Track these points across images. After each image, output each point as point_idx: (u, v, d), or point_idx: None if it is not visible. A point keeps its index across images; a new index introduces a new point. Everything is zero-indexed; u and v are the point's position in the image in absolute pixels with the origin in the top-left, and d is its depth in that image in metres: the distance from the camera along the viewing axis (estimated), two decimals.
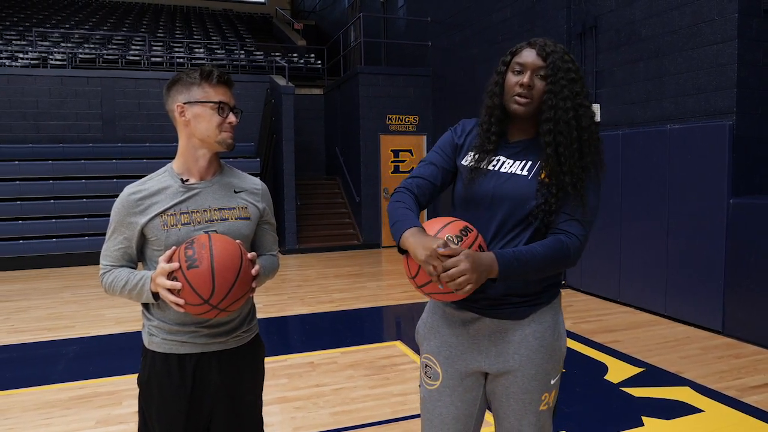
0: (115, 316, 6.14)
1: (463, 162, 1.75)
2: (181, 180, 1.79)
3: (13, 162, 9.87)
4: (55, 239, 9.53)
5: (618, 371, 4.27)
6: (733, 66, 5.05)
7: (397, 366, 4.46)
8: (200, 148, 1.80)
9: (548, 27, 7.32)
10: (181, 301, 1.57)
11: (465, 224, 1.59)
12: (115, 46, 15.97)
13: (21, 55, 13.34)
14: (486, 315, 1.68)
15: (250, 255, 1.67)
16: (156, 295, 1.66)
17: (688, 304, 5.43)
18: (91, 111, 11.12)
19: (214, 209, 1.79)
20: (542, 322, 1.69)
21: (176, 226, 1.73)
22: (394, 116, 11.05)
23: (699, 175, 5.29)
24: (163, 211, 1.74)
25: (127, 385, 4.07)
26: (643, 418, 3.45)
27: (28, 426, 3.49)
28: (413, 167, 11.22)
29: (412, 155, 11.25)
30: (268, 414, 2.70)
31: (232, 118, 1.79)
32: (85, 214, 9.80)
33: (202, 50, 16.79)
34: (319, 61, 16.66)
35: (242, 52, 16.84)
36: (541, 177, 1.60)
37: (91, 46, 15.54)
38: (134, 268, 1.79)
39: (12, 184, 9.67)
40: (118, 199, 1.77)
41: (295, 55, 17.24)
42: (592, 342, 4.96)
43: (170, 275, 1.59)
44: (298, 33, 19.55)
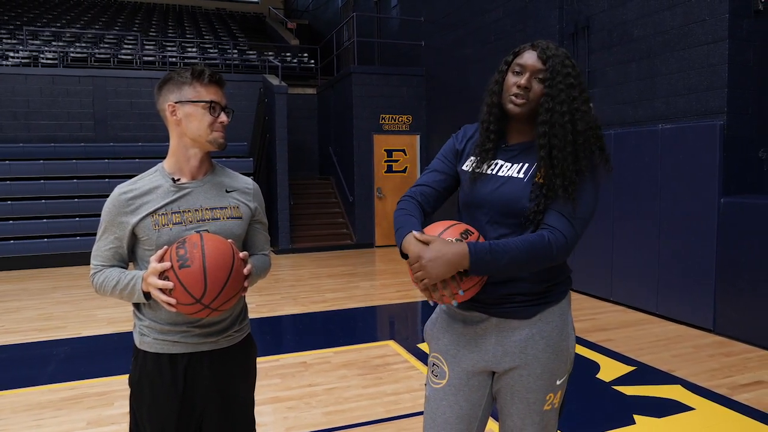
0: (107, 317, 6.11)
1: (463, 167, 1.77)
2: (173, 179, 1.79)
3: (4, 162, 9.80)
4: (46, 239, 9.47)
5: (610, 370, 4.29)
6: (724, 66, 5.08)
7: (390, 365, 4.46)
8: (191, 148, 1.80)
9: (541, 27, 7.34)
10: (173, 301, 1.57)
11: (466, 227, 1.62)
12: (107, 45, 15.89)
13: (12, 54, 13.25)
14: (493, 314, 1.69)
15: (241, 254, 1.67)
16: (147, 295, 1.65)
17: (680, 303, 5.46)
18: (82, 110, 11.06)
19: (206, 209, 1.79)
20: (549, 322, 1.69)
21: (167, 225, 1.73)
22: (388, 116, 11.05)
23: (690, 174, 5.32)
24: (154, 211, 1.73)
25: (119, 385, 4.05)
26: (634, 416, 3.47)
27: (19, 427, 3.47)
28: (407, 167, 11.24)
29: (406, 155, 11.25)
30: (260, 414, 2.70)
31: (224, 117, 1.79)
32: (77, 214, 9.74)
33: (194, 49, 16.74)
34: (313, 61, 16.64)
35: (235, 52, 16.79)
36: (536, 179, 1.61)
37: (83, 44, 15.46)
38: (125, 268, 1.78)
39: (3, 184, 9.60)
40: (109, 199, 1.76)
41: (288, 54, 17.21)
42: (585, 341, 4.98)
43: (162, 275, 1.58)
44: (292, 32, 19.54)
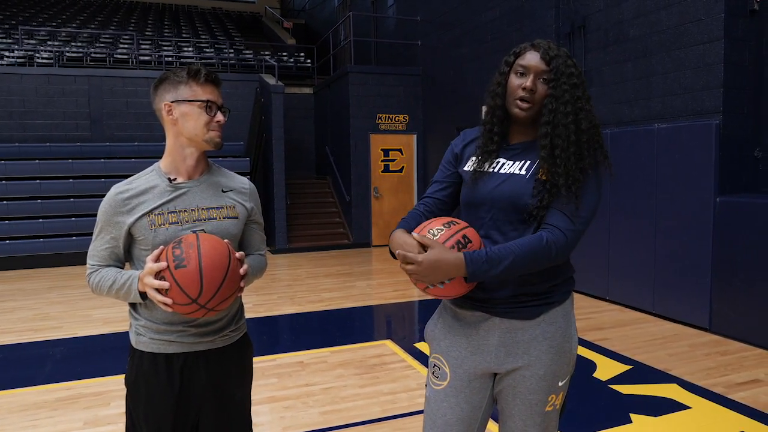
0: (103, 317, 6.09)
1: (465, 168, 1.77)
2: (169, 179, 1.78)
3: (0, 162, 9.77)
4: (42, 239, 9.44)
5: (606, 369, 4.30)
6: (720, 66, 5.09)
7: (387, 365, 4.46)
8: (188, 147, 1.80)
9: (537, 27, 7.35)
10: (169, 301, 1.56)
11: (451, 219, 1.63)
12: (102, 45, 15.85)
13: (7, 54, 13.21)
14: (496, 315, 1.68)
15: (238, 254, 1.67)
16: (144, 295, 1.65)
17: (676, 302, 5.47)
18: (78, 110, 11.03)
19: (202, 208, 1.79)
20: (553, 323, 1.68)
21: (164, 225, 1.72)
22: (384, 115, 11.05)
23: (686, 173, 5.33)
24: (151, 211, 1.73)
25: (115, 385, 4.04)
26: (631, 415, 3.48)
27: (15, 428, 3.46)
28: (403, 166, 11.23)
29: (402, 154, 11.25)
30: (257, 414, 2.70)
31: (220, 116, 1.79)
32: (73, 214, 9.71)
33: (191, 49, 16.70)
34: (309, 60, 16.63)
35: (231, 51, 16.77)
36: (539, 176, 1.61)
37: (79, 44, 15.41)
38: (121, 268, 1.78)
39: None
40: (105, 199, 1.76)
41: (285, 53, 17.19)
42: (581, 340, 4.99)
43: (158, 275, 1.58)
44: (288, 32, 19.51)
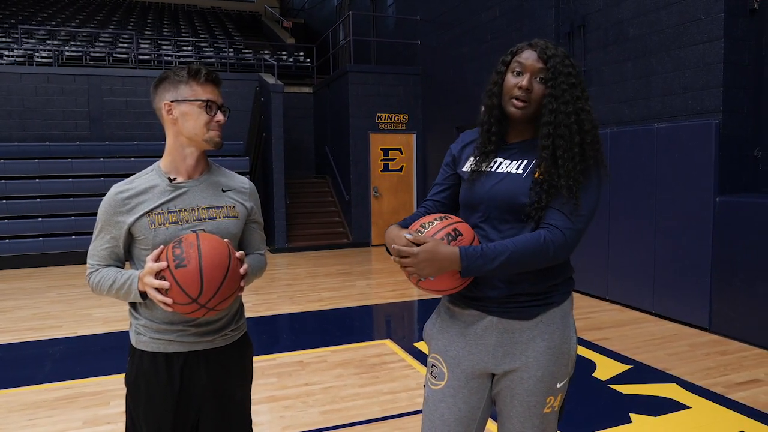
0: (103, 316, 6.09)
1: (464, 169, 1.77)
2: (169, 179, 1.78)
3: None
4: (41, 238, 9.43)
5: (606, 368, 4.30)
6: (720, 65, 5.09)
7: (387, 364, 4.46)
8: (188, 147, 1.79)
9: (537, 26, 7.35)
10: (169, 301, 1.56)
11: (444, 214, 1.66)
12: (102, 44, 15.83)
13: (6, 53, 13.19)
14: (494, 314, 1.67)
15: (238, 254, 1.66)
16: (144, 295, 1.65)
17: (676, 302, 5.48)
18: (77, 109, 11.02)
19: (202, 208, 1.78)
20: (551, 324, 1.68)
21: (164, 225, 1.72)
22: (384, 115, 11.05)
23: (686, 173, 5.33)
24: (151, 210, 1.73)
25: (115, 385, 4.04)
26: (631, 414, 3.48)
27: (14, 427, 3.46)
28: (403, 166, 11.23)
29: (402, 154, 11.25)
30: (256, 413, 2.69)
31: (220, 116, 1.78)
32: (72, 213, 9.70)
33: (190, 48, 16.69)
34: (309, 60, 16.62)
35: (231, 50, 16.75)
36: (536, 175, 1.60)
37: (78, 43, 15.40)
38: (121, 268, 1.78)
39: None
40: (105, 198, 1.76)
41: (284, 53, 17.18)
42: (581, 339, 4.99)
43: (158, 274, 1.58)
44: (287, 31, 19.51)
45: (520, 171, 1.64)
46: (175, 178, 1.79)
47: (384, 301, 6.71)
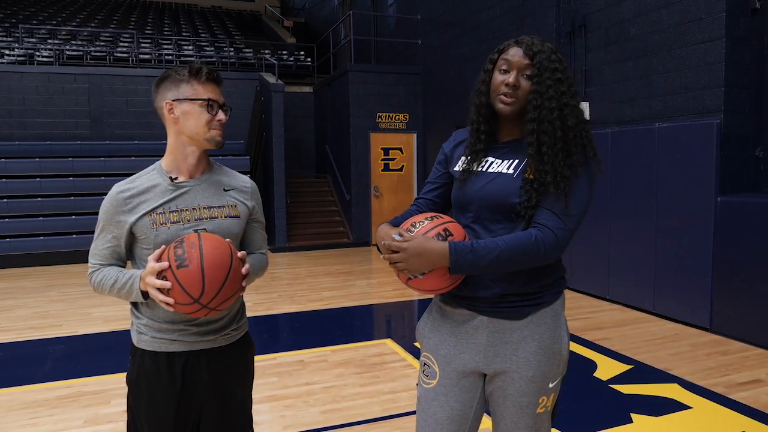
0: (103, 315, 6.09)
1: (455, 168, 1.77)
2: (170, 178, 1.78)
3: (0, 160, 9.77)
4: (42, 237, 9.44)
5: (607, 368, 4.30)
6: (721, 65, 5.09)
7: (387, 364, 4.46)
8: (189, 146, 1.79)
9: (537, 25, 7.34)
10: (171, 301, 1.56)
11: (435, 214, 1.65)
12: (102, 43, 15.83)
13: (7, 52, 13.20)
14: (484, 314, 1.67)
15: (240, 254, 1.66)
16: (145, 294, 1.65)
17: (677, 302, 5.47)
18: (78, 108, 11.02)
19: (204, 207, 1.78)
20: (541, 324, 1.67)
21: (165, 224, 1.72)
22: (384, 114, 11.04)
23: (687, 173, 5.33)
24: (152, 210, 1.72)
25: (115, 384, 4.04)
26: (632, 415, 3.47)
27: (14, 426, 3.46)
28: (403, 165, 11.22)
29: (403, 153, 11.25)
30: (257, 413, 2.69)
31: (222, 115, 1.78)
32: (73, 212, 9.71)
33: (191, 47, 16.68)
34: (309, 59, 16.61)
35: (231, 50, 16.75)
36: (527, 175, 1.60)
37: (79, 42, 15.40)
38: (123, 267, 1.77)
39: None
40: (107, 198, 1.75)
41: (285, 52, 17.18)
42: (582, 339, 4.99)
43: (160, 274, 1.57)
44: (288, 30, 19.50)
45: (511, 171, 1.64)
46: (176, 178, 1.79)
47: (384, 301, 6.71)
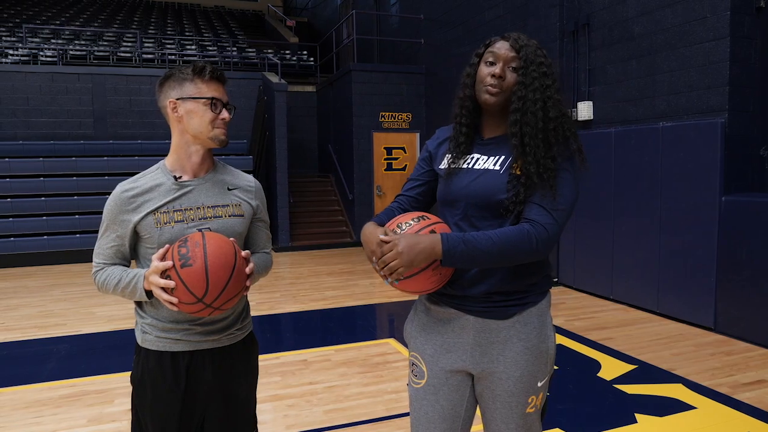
0: (106, 314, 6.10)
1: (440, 166, 1.76)
2: (174, 177, 1.77)
3: (4, 159, 9.78)
4: (45, 236, 9.46)
5: (611, 368, 4.29)
6: (726, 64, 5.07)
7: (391, 363, 4.45)
8: (193, 145, 1.79)
9: (541, 25, 7.33)
10: (175, 300, 1.56)
11: (422, 214, 1.64)
12: (106, 43, 15.86)
13: (11, 52, 13.23)
14: (471, 313, 1.67)
15: (244, 253, 1.66)
16: (149, 294, 1.64)
17: (681, 302, 5.46)
18: (81, 108, 11.04)
19: (208, 207, 1.78)
20: (527, 324, 1.67)
21: (169, 223, 1.71)
22: (387, 113, 11.03)
23: (691, 172, 5.31)
24: (156, 209, 1.72)
25: (119, 383, 4.04)
26: (636, 415, 3.46)
27: (18, 424, 3.46)
28: (406, 164, 11.20)
29: (405, 153, 11.24)
30: (260, 412, 2.69)
31: (225, 114, 1.78)
32: (76, 211, 9.73)
33: (193, 47, 16.70)
34: (312, 59, 16.61)
35: (234, 49, 16.77)
36: (513, 170, 1.60)
37: (82, 42, 15.43)
38: (127, 266, 1.77)
39: (2, 182, 9.59)
40: (111, 197, 1.75)
41: (288, 52, 17.18)
42: (585, 339, 4.98)
43: (164, 273, 1.57)
44: (291, 30, 19.50)
45: (498, 167, 1.64)
46: (180, 177, 1.78)
47: (387, 300, 6.70)
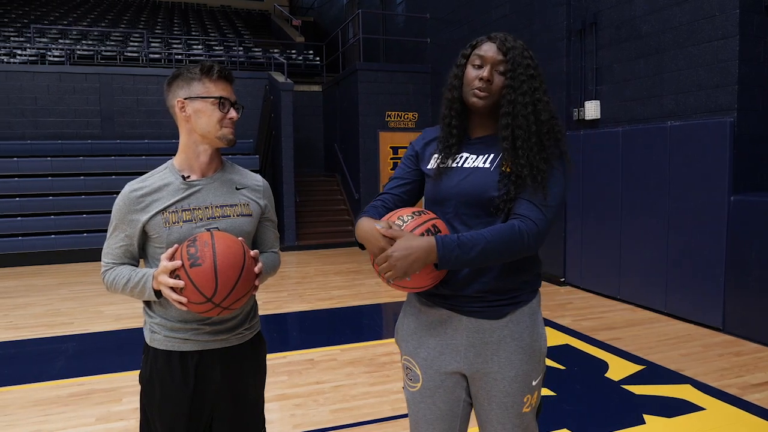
0: (114, 313, 6.11)
1: (428, 166, 1.76)
2: (182, 177, 1.77)
3: (12, 159, 9.84)
4: (54, 236, 9.51)
5: (619, 369, 4.27)
6: (734, 62, 5.03)
7: (397, 363, 4.45)
8: (201, 144, 1.79)
9: (547, 23, 7.30)
10: (184, 300, 1.56)
11: (420, 209, 1.63)
12: (113, 43, 15.92)
13: (19, 52, 13.31)
14: (463, 314, 1.66)
15: (252, 252, 1.66)
16: (158, 293, 1.65)
17: (689, 302, 5.43)
18: (89, 108, 11.09)
19: (216, 206, 1.78)
20: (520, 323, 1.67)
21: (178, 223, 1.72)
22: (393, 113, 11.03)
23: (699, 172, 5.28)
24: (165, 209, 1.72)
25: (127, 381, 4.06)
26: (644, 416, 3.44)
27: (27, 422, 3.48)
28: None
29: None
30: (267, 411, 2.69)
31: (233, 113, 1.78)
32: (84, 210, 9.78)
33: (200, 47, 16.74)
34: (318, 58, 16.63)
35: (240, 49, 16.80)
36: (503, 168, 1.60)
37: (90, 42, 15.50)
38: (136, 266, 1.77)
39: (10, 181, 9.65)
40: (120, 196, 1.75)
41: (294, 51, 17.21)
42: (593, 339, 4.96)
43: (173, 273, 1.57)
44: (297, 30, 19.52)
45: (487, 165, 1.64)
46: (188, 176, 1.78)
47: (394, 300, 6.69)
